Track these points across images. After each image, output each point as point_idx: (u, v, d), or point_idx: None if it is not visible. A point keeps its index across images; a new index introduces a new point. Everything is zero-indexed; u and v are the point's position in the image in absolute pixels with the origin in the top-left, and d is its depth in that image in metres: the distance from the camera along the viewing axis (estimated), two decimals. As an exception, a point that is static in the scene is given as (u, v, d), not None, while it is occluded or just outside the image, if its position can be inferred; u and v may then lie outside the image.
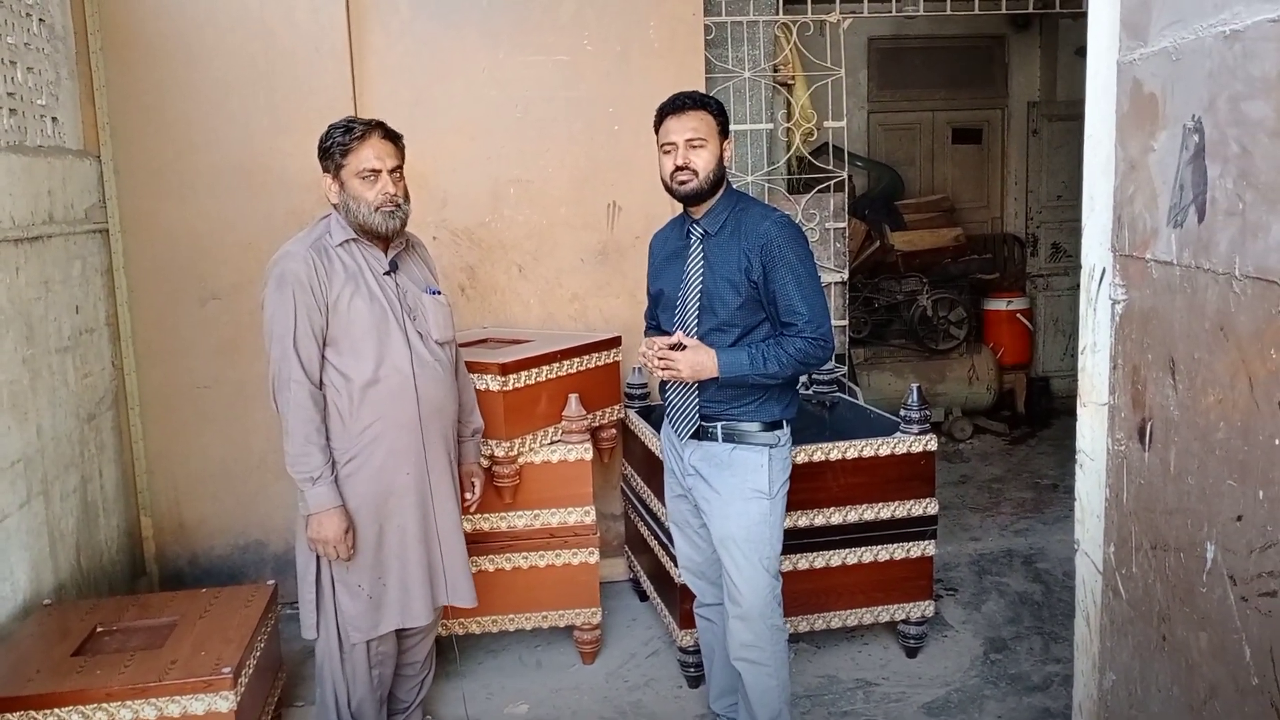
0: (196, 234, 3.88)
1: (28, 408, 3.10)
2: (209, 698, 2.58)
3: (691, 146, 2.64)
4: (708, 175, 2.65)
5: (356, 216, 2.69)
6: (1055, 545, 4.66)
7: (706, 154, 2.65)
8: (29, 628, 2.88)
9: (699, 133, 2.64)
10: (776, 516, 2.73)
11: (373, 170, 2.67)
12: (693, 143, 2.64)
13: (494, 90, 4.01)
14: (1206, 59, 1.66)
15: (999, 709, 3.27)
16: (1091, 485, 2.23)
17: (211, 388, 3.95)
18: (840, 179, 4.53)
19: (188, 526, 4.02)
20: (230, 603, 3.05)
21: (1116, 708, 2.11)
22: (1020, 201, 7.37)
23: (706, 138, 2.64)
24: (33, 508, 3.09)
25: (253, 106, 3.87)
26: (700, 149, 2.64)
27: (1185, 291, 1.75)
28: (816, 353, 2.59)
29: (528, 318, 4.18)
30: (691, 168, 2.64)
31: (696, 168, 2.64)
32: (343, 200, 2.69)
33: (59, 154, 3.46)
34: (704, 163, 2.64)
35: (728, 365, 2.61)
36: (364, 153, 2.67)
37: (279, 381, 2.65)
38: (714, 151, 2.66)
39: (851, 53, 4.64)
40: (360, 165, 2.66)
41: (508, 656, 3.70)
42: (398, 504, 2.77)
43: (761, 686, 2.77)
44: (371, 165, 2.67)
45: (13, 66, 3.21)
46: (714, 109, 2.68)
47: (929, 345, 6.55)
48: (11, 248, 3.05)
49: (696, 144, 2.64)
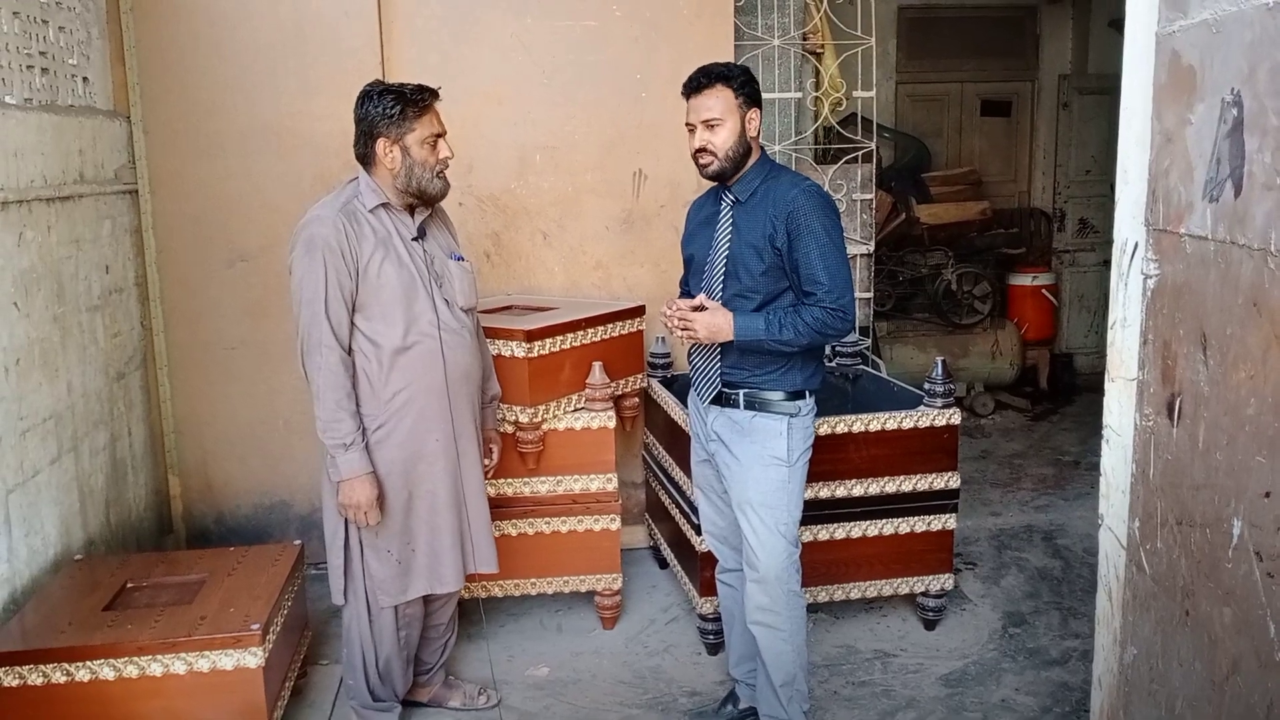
0: (225, 195, 3.90)
1: (58, 365, 3.14)
2: (238, 653, 2.62)
3: (709, 127, 2.64)
4: (727, 154, 2.65)
5: (418, 182, 2.70)
6: (1076, 521, 4.66)
7: (725, 132, 2.63)
8: (60, 581, 2.93)
9: (714, 112, 2.63)
10: (795, 484, 2.74)
11: (437, 135, 2.71)
12: (709, 123, 2.64)
13: (521, 55, 4.00)
14: (1247, 30, 1.63)
15: (1016, 682, 3.29)
16: (1118, 460, 2.22)
17: (238, 349, 3.99)
18: (868, 150, 4.49)
19: (214, 486, 4.07)
20: (258, 561, 3.09)
21: (1137, 681, 2.12)
22: (1048, 176, 7.29)
23: (723, 116, 2.63)
24: (63, 464, 3.14)
25: (281, 69, 3.87)
26: (718, 128, 2.63)
27: (1219, 266, 1.74)
28: (835, 323, 2.58)
29: (552, 285, 4.18)
30: (710, 150, 2.65)
31: (714, 149, 2.64)
32: (405, 165, 2.69)
33: (89, 114, 3.48)
34: (721, 141, 2.64)
35: (743, 329, 2.61)
36: (429, 119, 2.70)
37: (308, 346, 2.65)
38: (733, 128, 2.64)
39: (881, 22, 4.58)
40: (427, 132, 2.69)
41: (529, 620, 3.74)
42: (427, 470, 2.79)
43: (776, 650, 2.79)
44: (436, 131, 2.71)
45: (44, 25, 3.22)
46: (736, 81, 2.64)
47: (953, 319, 6.52)
48: (43, 206, 3.07)
49: (713, 124, 2.63)
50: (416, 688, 3.14)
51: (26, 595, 2.85)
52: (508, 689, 3.28)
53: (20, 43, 3.05)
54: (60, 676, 2.53)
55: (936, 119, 7.29)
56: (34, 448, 2.96)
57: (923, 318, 6.64)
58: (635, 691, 3.27)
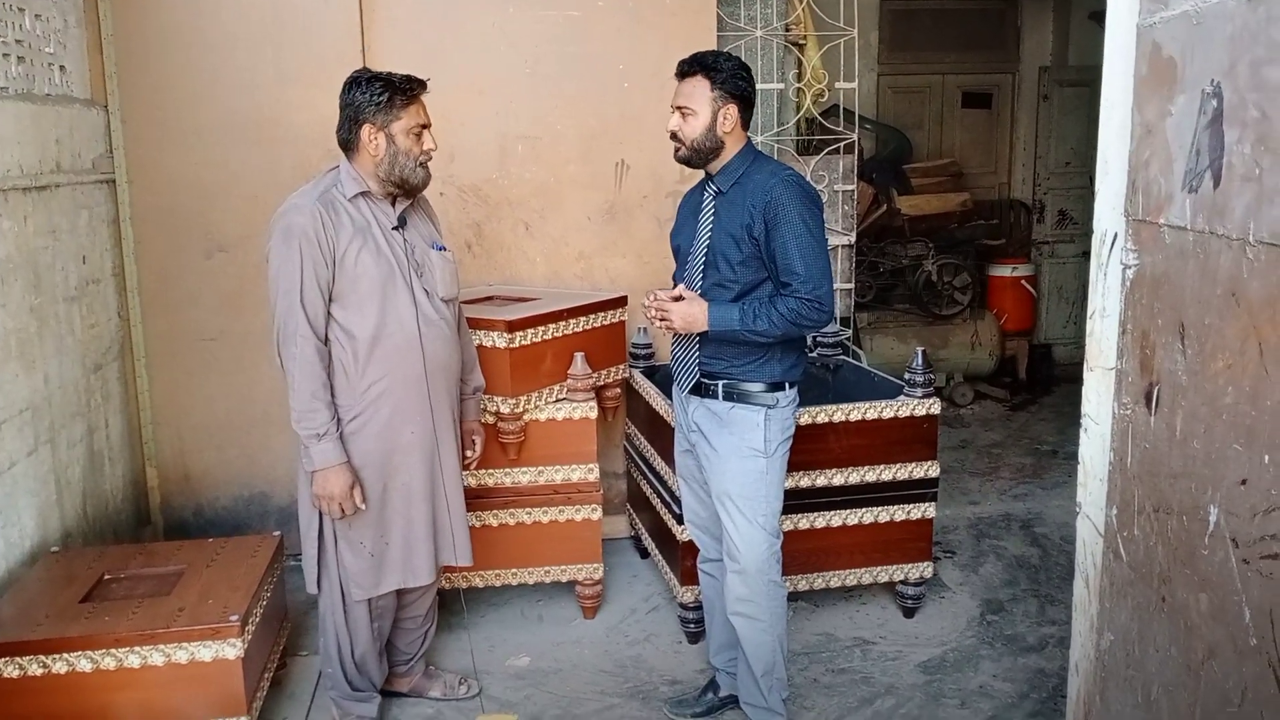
0: (203, 185, 3.86)
1: (35, 356, 3.11)
2: (217, 644, 2.61)
3: (682, 115, 2.66)
4: (693, 143, 2.66)
5: (401, 171, 2.68)
6: (1053, 510, 4.70)
7: (696, 122, 2.64)
8: (36, 573, 2.91)
9: (689, 101, 2.64)
10: (774, 475, 2.75)
11: (423, 126, 2.71)
12: (683, 111, 2.66)
13: (504, 45, 3.98)
14: (1228, 23, 1.65)
15: (994, 669, 3.31)
16: (1095, 449, 2.24)
17: (216, 340, 3.96)
18: (850, 141, 4.50)
19: (192, 477, 4.04)
20: (237, 552, 3.08)
21: (1114, 667, 2.14)
22: (1028, 167, 7.33)
23: (697, 107, 2.63)
24: (40, 455, 3.11)
25: (260, 58, 3.84)
26: (689, 118, 2.65)
27: (1198, 257, 1.76)
28: (810, 314, 2.57)
29: (534, 276, 4.18)
30: (679, 137, 2.67)
31: (682, 137, 2.67)
32: (389, 154, 2.67)
33: (66, 103, 3.45)
34: (690, 130, 2.65)
35: (717, 319, 2.62)
36: (415, 109, 2.69)
37: (284, 336, 2.63)
38: (704, 120, 2.64)
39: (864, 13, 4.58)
40: (414, 122, 2.68)
41: (510, 610, 3.74)
42: (403, 461, 2.78)
43: (756, 640, 2.80)
44: (422, 121, 2.71)
45: (21, 14, 3.18)
46: (719, 75, 2.63)
47: (933, 310, 6.55)
48: (20, 196, 3.04)
49: (686, 112, 2.65)
50: (396, 678, 3.14)
51: (3, 587, 2.83)
52: (488, 678, 3.28)
53: (-5, 29, 3.02)
54: (37, 669, 2.52)
55: (918, 111, 7.31)
56: (10, 439, 2.94)
57: (903, 308, 6.66)
58: (616, 680, 3.27)
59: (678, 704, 3.12)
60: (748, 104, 2.70)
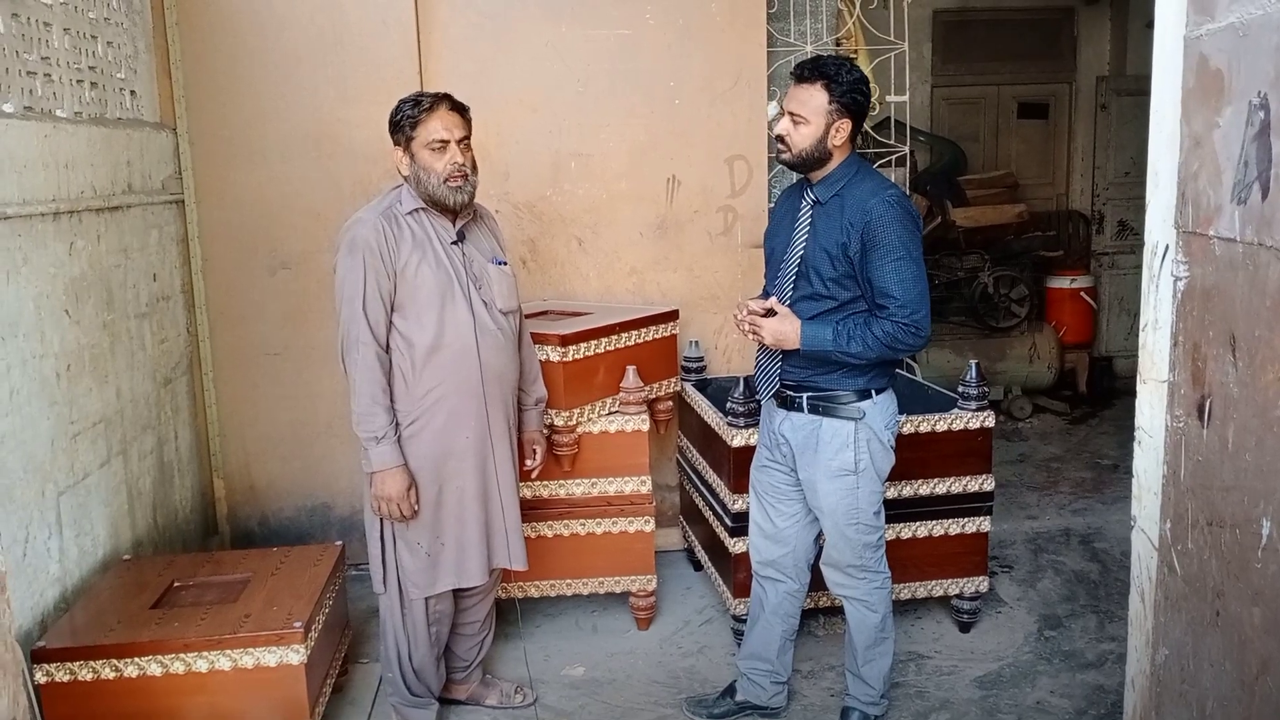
0: (267, 203, 3.98)
1: (108, 371, 3.23)
2: (281, 650, 2.68)
3: (794, 121, 2.64)
4: (801, 152, 2.64)
5: (426, 188, 2.75)
6: (1114, 525, 4.62)
7: (806, 131, 2.62)
8: (109, 581, 3.01)
9: (803, 109, 2.62)
10: (866, 488, 2.76)
11: (441, 141, 2.72)
12: (795, 118, 2.63)
13: (556, 63, 4.05)
14: (1274, 34, 1.64)
15: (1051, 684, 3.28)
16: (1149, 462, 2.23)
17: (281, 354, 4.07)
18: (902, 154, 4.50)
19: (257, 488, 4.15)
20: (300, 561, 3.16)
21: (1169, 682, 2.12)
22: (1086, 178, 7.24)
23: (810, 116, 2.61)
24: (112, 467, 3.23)
25: (321, 78, 3.95)
26: (801, 125, 2.62)
27: (1247, 268, 1.75)
28: (906, 339, 2.55)
29: (587, 291, 4.23)
30: (787, 141, 2.66)
31: (790, 143, 2.65)
32: (413, 172, 2.76)
33: (137, 126, 3.58)
34: (799, 140, 2.63)
35: (810, 338, 2.61)
36: (432, 124, 2.72)
37: (348, 343, 2.73)
38: (816, 131, 2.61)
39: (915, 26, 4.59)
40: (429, 137, 2.72)
41: (565, 620, 3.79)
42: (457, 466, 2.85)
43: (858, 617, 2.90)
44: (440, 136, 2.72)
45: (94, 40, 3.31)
46: (838, 87, 2.59)
47: (989, 323, 6.49)
48: (93, 216, 3.16)
49: (798, 120, 2.63)
50: (454, 685, 3.20)
51: (77, 594, 2.93)
52: (544, 688, 3.32)
53: (70, 58, 3.14)
54: (109, 672, 2.61)
55: (973, 122, 7.27)
56: (84, 451, 3.05)
57: (959, 321, 6.61)
58: (670, 691, 3.29)
59: (697, 703, 3.17)
60: (862, 118, 2.68)
